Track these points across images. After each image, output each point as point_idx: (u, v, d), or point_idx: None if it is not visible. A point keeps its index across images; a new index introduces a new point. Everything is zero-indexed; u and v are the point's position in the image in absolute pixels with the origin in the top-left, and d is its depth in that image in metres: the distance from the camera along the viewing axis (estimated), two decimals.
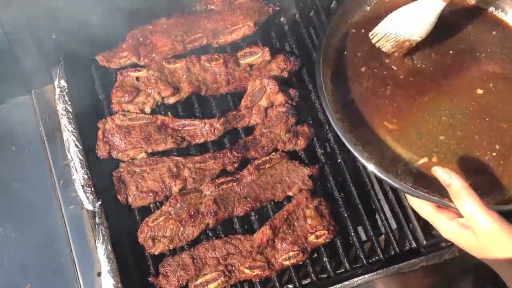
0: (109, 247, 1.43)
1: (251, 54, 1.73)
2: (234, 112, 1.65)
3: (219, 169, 1.59)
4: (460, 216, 1.31)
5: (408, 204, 1.59)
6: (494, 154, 1.50)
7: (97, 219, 1.46)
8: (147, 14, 1.75)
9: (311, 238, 1.53)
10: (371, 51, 1.64)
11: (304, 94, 1.75)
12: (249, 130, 1.68)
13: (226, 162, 1.59)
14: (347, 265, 1.56)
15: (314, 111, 1.74)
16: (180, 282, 1.45)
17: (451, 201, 1.31)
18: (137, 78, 1.65)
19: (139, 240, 1.48)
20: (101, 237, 1.43)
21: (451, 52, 1.65)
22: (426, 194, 1.37)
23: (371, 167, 1.42)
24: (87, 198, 1.47)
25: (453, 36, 1.68)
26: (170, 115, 1.65)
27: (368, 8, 1.72)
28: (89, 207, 1.47)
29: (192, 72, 1.68)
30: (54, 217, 1.52)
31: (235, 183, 1.57)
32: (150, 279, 1.45)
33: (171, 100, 1.65)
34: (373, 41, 1.60)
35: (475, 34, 1.69)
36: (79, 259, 1.48)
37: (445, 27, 1.65)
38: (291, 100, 1.69)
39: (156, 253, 1.48)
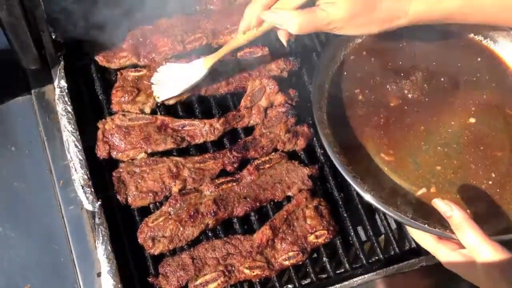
0: (109, 248, 1.43)
1: (251, 54, 1.74)
2: (234, 112, 1.65)
3: (219, 169, 1.59)
4: (462, 247, 1.31)
5: None
6: (490, 182, 1.51)
7: (96, 219, 1.45)
8: (147, 14, 1.75)
9: (311, 238, 1.53)
10: (368, 79, 1.66)
11: (304, 94, 1.74)
12: (249, 130, 1.68)
13: (226, 162, 1.59)
14: (347, 265, 1.56)
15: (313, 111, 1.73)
16: (180, 282, 1.45)
17: (452, 232, 1.32)
18: (137, 78, 1.65)
19: (138, 240, 1.48)
20: (101, 238, 1.43)
21: (442, 79, 1.66)
22: (427, 226, 1.38)
23: (370, 200, 1.42)
24: (87, 198, 1.47)
25: (442, 62, 1.70)
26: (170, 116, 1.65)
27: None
28: (89, 207, 1.47)
29: None
30: (54, 217, 1.52)
31: (234, 183, 1.57)
32: (149, 279, 1.45)
33: (171, 101, 1.65)
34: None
35: (462, 61, 1.71)
36: (79, 259, 1.47)
37: (434, 53, 1.69)
38: (291, 100, 1.69)
39: (155, 253, 1.48)
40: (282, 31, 1.43)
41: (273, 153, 1.63)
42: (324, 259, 1.56)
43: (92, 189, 1.48)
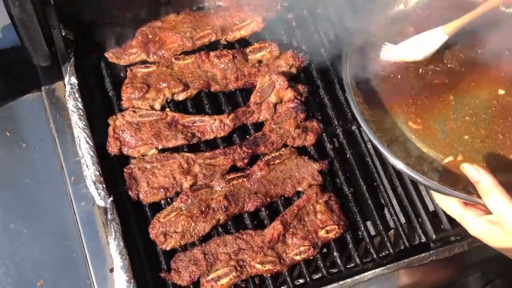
0: (122, 243, 1.43)
1: (260, 50, 1.75)
2: (244, 108, 1.65)
3: (229, 165, 1.59)
4: (488, 212, 1.30)
5: (418, 198, 1.61)
6: None
7: (109, 215, 1.46)
8: (156, 10, 1.76)
9: (322, 233, 1.54)
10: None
11: (313, 89, 1.75)
12: (259, 126, 1.68)
13: (236, 158, 1.59)
14: (357, 259, 1.57)
15: (323, 106, 1.74)
16: (192, 277, 1.46)
17: (479, 197, 1.30)
18: (147, 75, 1.66)
19: (150, 236, 1.49)
20: (113, 233, 1.44)
21: (479, 51, 1.67)
22: (454, 191, 1.37)
23: (399, 165, 1.43)
24: (99, 194, 1.47)
25: (480, 35, 1.68)
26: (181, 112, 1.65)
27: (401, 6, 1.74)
28: (101, 203, 1.47)
29: (201, 68, 1.69)
30: (66, 213, 1.52)
31: (245, 179, 1.57)
32: (162, 274, 1.46)
33: (181, 97, 1.66)
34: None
35: (502, 35, 1.68)
36: (91, 255, 1.48)
37: (473, 26, 1.65)
38: (300, 95, 1.69)
39: (167, 249, 1.49)
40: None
41: (283, 149, 1.64)
42: (335, 253, 1.56)
43: (104, 185, 1.49)
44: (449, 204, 1.41)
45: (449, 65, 1.64)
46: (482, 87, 1.61)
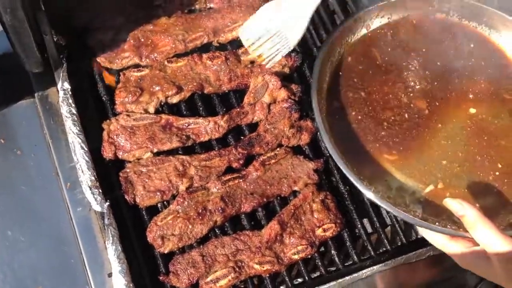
0: (119, 247, 1.43)
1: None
2: (238, 109, 1.66)
3: (225, 166, 1.59)
4: (475, 244, 1.31)
5: None
6: (497, 173, 1.51)
7: (106, 220, 1.46)
8: (147, 14, 1.76)
9: (319, 231, 1.55)
10: (365, 76, 1.65)
11: (306, 89, 1.75)
12: (253, 127, 1.68)
13: (232, 159, 1.59)
14: (355, 257, 1.57)
15: None
16: (191, 279, 1.46)
17: (465, 230, 1.31)
18: (140, 78, 1.66)
19: (148, 239, 1.49)
20: (111, 238, 1.44)
21: (438, 63, 1.67)
22: (439, 227, 1.38)
23: (377, 201, 1.42)
24: (95, 199, 1.47)
25: (438, 52, 1.70)
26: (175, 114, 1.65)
27: (364, 30, 1.72)
28: (97, 208, 1.47)
29: (194, 70, 1.69)
30: (63, 219, 1.52)
31: (241, 180, 1.58)
32: (160, 277, 1.46)
33: (175, 99, 1.66)
34: (249, 50, 1.62)
35: (455, 47, 1.71)
36: (89, 260, 1.48)
37: (429, 41, 1.70)
38: (294, 95, 1.70)
39: (165, 252, 1.49)
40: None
41: (278, 149, 1.64)
42: (333, 252, 1.57)
43: (100, 190, 1.49)
44: (436, 238, 1.42)
45: (417, 86, 1.62)
46: (453, 107, 1.60)
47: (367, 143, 1.55)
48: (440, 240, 1.40)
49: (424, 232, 1.46)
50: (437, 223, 1.39)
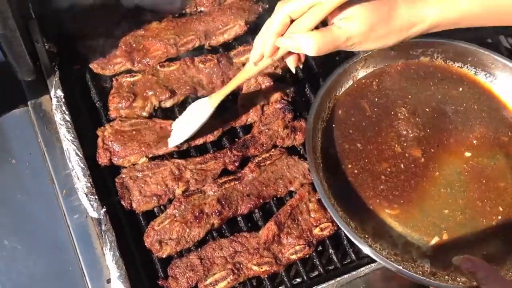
0: (117, 253, 1.43)
1: (244, 53, 1.75)
2: (231, 112, 1.66)
3: (221, 169, 1.60)
4: None
5: None
6: (499, 217, 1.49)
7: (103, 226, 1.46)
8: (138, 19, 1.76)
9: (316, 231, 1.55)
10: (359, 127, 1.63)
11: (299, 89, 1.76)
12: (247, 129, 1.69)
13: (227, 161, 1.60)
14: (353, 255, 1.58)
15: (309, 105, 1.75)
16: (190, 283, 1.45)
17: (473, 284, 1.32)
18: (133, 84, 1.66)
19: (145, 244, 1.49)
20: (108, 244, 1.44)
21: (426, 109, 1.65)
22: (450, 285, 1.37)
23: (387, 264, 1.39)
24: (92, 206, 1.47)
25: (426, 98, 1.68)
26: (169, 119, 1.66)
27: (350, 81, 1.71)
28: (94, 214, 1.47)
29: (187, 74, 1.69)
30: (59, 227, 1.52)
31: (237, 182, 1.58)
32: (159, 282, 1.46)
33: (168, 103, 1.66)
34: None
35: (442, 92, 1.69)
36: (87, 267, 1.47)
37: (416, 87, 1.69)
38: (287, 96, 1.70)
39: (163, 256, 1.49)
40: (292, 57, 1.36)
41: (272, 150, 1.65)
42: (330, 250, 1.57)
43: (96, 197, 1.48)
44: None
45: (410, 135, 1.60)
46: (448, 153, 1.58)
47: (367, 199, 1.52)
48: None
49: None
50: (446, 277, 1.38)
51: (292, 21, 1.25)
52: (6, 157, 1.58)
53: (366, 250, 1.41)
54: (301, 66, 1.64)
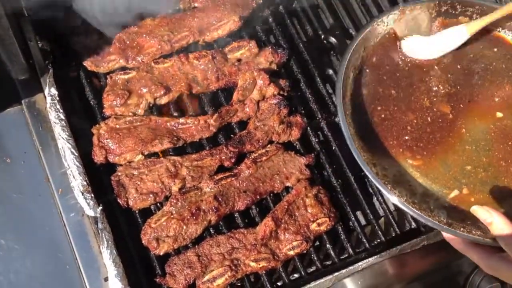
0: (114, 252, 1.43)
1: (239, 48, 1.75)
2: (227, 107, 1.65)
3: (217, 165, 1.59)
4: (502, 249, 1.30)
5: None
6: None
7: (99, 224, 1.45)
8: (131, 16, 1.75)
9: (313, 226, 1.55)
10: (393, 76, 1.64)
11: (294, 84, 1.76)
12: (243, 124, 1.68)
13: (223, 158, 1.59)
14: (350, 250, 1.58)
15: (305, 100, 1.75)
16: (188, 280, 1.46)
17: (490, 237, 1.32)
18: (127, 81, 1.65)
19: (143, 242, 1.48)
20: (105, 242, 1.43)
21: (458, 66, 1.65)
22: (464, 233, 1.37)
23: (405, 208, 1.41)
24: (88, 204, 1.46)
25: (466, 57, 1.68)
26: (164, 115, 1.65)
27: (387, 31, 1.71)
28: (91, 213, 1.46)
29: (181, 70, 1.68)
30: (56, 226, 1.51)
31: (233, 178, 1.58)
32: (157, 279, 1.46)
33: (163, 100, 1.66)
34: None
35: (473, 51, 1.69)
36: (85, 265, 1.47)
37: (459, 50, 1.67)
38: (282, 90, 1.70)
39: (161, 254, 1.49)
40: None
41: (269, 145, 1.64)
42: (328, 246, 1.58)
43: (92, 195, 1.48)
44: (459, 242, 1.40)
45: (440, 91, 1.61)
46: (479, 112, 1.58)
47: (391, 147, 1.53)
48: (464, 246, 1.39)
49: (447, 237, 1.44)
50: (462, 229, 1.38)
51: None
52: (1, 156, 1.57)
53: (386, 193, 1.42)
54: None
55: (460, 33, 1.63)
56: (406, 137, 1.55)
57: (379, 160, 1.50)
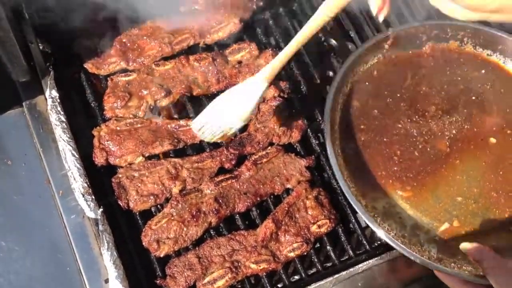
0: (115, 253, 1.43)
1: (239, 51, 1.75)
2: None
3: (217, 167, 1.60)
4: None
5: None
6: None
7: (100, 226, 1.45)
8: (132, 18, 1.75)
9: (314, 228, 1.55)
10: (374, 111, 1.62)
11: (295, 86, 1.76)
12: (243, 126, 1.68)
13: (224, 160, 1.60)
14: (350, 252, 1.58)
15: (305, 102, 1.75)
16: (188, 282, 1.46)
17: (480, 274, 1.32)
18: (128, 83, 1.66)
19: (143, 243, 1.49)
20: (106, 244, 1.43)
21: (458, 101, 1.63)
22: (455, 270, 1.36)
23: (393, 244, 1.39)
24: (88, 206, 1.47)
25: (455, 85, 1.66)
26: (164, 117, 1.65)
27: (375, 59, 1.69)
28: (91, 215, 1.47)
29: (182, 72, 1.69)
30: (56, 227, 1.51)
31: (234, 180, 1.58)
32: (157, 281, 1.46)
33: (164, 102, 1.66)
34: (195, 131, 1.52)
35: (472, 79, 1.67)
36: (85, 267, 1.47)
37: (446, 76, 1.66)
38: (283, 92, 1.70)
39: (161, 256, 1.49)
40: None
41: (269, 147, 1.65)
42: (328, 247, 1.57)
43: (93, 197, 1.48)
44: (449, 279, 1.39)
45: (431, 122, 1.58)
46: (470, 139, 1.57)
47: (380, 178, 1.52)
48: (454, 282, 1.38)
49: (438, 274, 1.42)
50: (452, 264, 1.38)
51: None
52: (2, 158, 1.57)
53: (375, 228, 1.40)
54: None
55: (255, 85, 1.47)
56: (395, 168, 1.53)
57: (369, 192, 1.49)
